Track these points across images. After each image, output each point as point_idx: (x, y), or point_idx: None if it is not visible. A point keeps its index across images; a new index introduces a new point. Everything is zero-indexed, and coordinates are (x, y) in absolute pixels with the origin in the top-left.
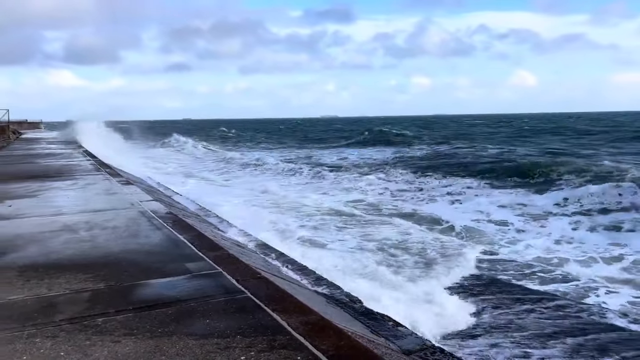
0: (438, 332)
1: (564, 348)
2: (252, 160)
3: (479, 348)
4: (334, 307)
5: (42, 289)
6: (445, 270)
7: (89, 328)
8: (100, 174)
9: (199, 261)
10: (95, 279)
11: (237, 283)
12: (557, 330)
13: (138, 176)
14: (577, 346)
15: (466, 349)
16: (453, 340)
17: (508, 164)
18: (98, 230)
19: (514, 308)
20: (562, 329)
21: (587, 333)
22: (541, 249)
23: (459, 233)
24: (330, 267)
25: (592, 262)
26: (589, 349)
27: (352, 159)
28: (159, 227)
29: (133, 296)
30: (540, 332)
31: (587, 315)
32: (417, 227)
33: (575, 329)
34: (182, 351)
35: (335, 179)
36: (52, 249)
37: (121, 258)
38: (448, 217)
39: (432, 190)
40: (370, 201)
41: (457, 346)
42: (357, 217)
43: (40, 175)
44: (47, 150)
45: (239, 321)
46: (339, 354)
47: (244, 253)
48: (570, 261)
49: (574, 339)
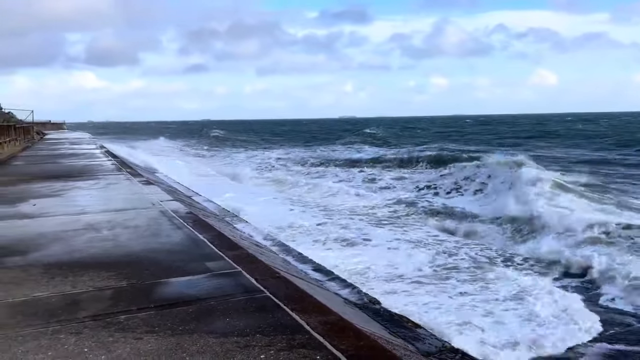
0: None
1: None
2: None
3: None
4: (352, 307)
5: (66, 287)
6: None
7: (111, 325)
8: (122, 174)
9: (218, 260)
10: (117, 277)
11: (257, 282)
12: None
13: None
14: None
15: None
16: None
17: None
18: (120, 229)
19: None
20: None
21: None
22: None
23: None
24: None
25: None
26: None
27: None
28: (180, 226)
29: (154, 294)
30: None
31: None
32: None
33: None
34: (202, 349)
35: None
36: (75, 247)
37: (142, 257)
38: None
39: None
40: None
41: None
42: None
43: (64, 175)
44: (70, 150)
45: (258, 320)
46: (359, 354)
47: (262, 253)
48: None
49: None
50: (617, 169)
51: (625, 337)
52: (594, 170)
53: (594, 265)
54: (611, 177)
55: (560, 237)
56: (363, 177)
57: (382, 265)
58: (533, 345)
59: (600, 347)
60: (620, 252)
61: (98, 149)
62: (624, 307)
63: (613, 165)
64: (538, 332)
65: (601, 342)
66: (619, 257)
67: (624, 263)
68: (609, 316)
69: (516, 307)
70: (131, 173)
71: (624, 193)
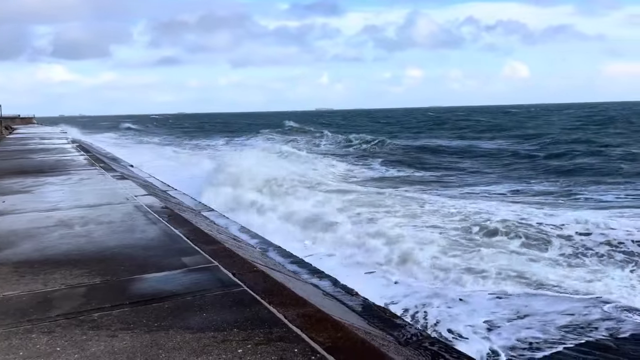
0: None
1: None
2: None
3: None
4: (330, 299)
5: (37, 285)
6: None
7: (85, 323)
8: (95, 168)
9: (195, 255)
10: (91, 274)
11: (234, 276)
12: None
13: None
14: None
15: None
16: None
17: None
18: (93, 225)
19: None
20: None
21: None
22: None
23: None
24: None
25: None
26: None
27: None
28: (155, 221)
29: (129, 291)
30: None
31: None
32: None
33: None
34: (179, 345)
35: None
36: (47, 244)
37: (117, 253)
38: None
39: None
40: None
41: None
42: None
43: (35, 170)
44: (41, 145)
45: (235, 314)
46: (336, 345)
47: (240, 247)
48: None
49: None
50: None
51: None
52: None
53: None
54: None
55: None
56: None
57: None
58: None
59: None
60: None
61: (70, 143)
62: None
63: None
64: None
65: None
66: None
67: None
68: None
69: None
70: (104, 167)
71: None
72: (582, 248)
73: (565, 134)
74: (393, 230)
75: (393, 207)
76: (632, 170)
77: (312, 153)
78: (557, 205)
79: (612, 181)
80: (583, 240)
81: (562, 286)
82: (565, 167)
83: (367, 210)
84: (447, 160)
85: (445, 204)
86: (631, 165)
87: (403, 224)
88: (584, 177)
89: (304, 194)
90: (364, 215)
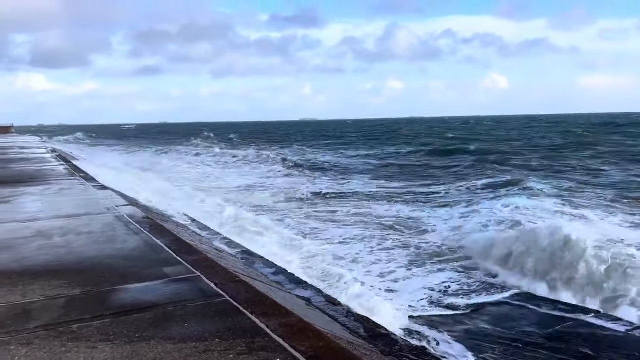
0: None
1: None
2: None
3: None
4: (313, 309)
5: (15, 296)
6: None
7: (64, 334)
8: (75, 178)
9: (177, 265)
10: (70, 285)
11: (216, 287)
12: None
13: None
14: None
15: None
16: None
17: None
18: (73, 235)
19: None
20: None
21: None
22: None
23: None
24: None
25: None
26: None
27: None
28: (136, 231)
29: (110, 302)
30: None
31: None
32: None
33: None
34: (160, 356)
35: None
36: (25, 255)
37: (97, 264)
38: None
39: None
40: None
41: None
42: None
43: (13, 180)
44: (20, 155)
45: (217, 324)
46: (318, 355)
47: (222, 257)
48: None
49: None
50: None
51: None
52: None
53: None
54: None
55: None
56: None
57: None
58: None
59: None
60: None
61: (49, 152)
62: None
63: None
64: None
65: None
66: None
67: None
68: None
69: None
70: (85, 177)
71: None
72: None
73: (462, 144)
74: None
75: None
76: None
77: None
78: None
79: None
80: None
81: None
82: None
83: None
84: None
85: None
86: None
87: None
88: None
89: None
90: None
